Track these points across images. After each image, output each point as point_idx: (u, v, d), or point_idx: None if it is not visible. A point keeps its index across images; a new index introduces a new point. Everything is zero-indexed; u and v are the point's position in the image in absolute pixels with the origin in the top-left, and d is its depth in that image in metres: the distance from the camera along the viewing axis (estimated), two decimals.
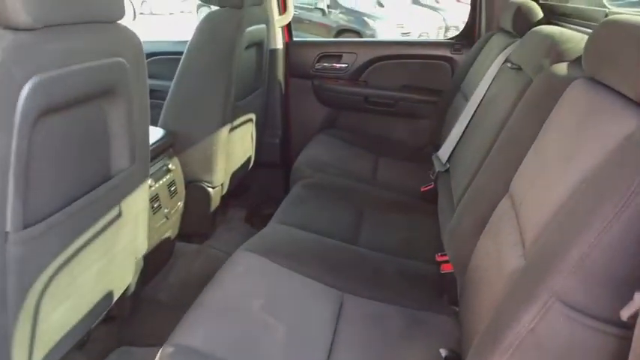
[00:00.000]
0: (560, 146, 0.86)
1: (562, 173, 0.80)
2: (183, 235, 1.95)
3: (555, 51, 1.12)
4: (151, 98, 2.74)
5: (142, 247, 1.39)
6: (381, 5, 9.90)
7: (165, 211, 1.68)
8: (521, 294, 0.68)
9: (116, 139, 1.16)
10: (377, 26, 8.83)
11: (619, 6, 2.26)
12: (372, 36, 8.76)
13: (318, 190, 1.76)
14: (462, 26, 2.56)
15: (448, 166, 1.65)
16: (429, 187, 1.82)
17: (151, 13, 14.49)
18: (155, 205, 1.61)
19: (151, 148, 1.63)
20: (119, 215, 1.20)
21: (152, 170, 1.62)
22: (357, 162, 2.11)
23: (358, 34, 8.86)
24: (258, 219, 2.44)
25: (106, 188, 1.12)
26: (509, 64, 1.35)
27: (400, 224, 1.63)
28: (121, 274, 1.29)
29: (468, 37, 2.42)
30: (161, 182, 1.66)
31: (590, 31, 1.35)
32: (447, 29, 9.95)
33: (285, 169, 2.60)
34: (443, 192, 1.60)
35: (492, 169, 1.14)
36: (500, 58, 1.56)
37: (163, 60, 2.58)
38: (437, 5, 10.65)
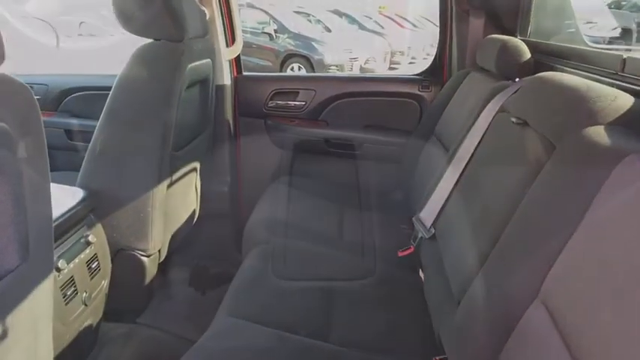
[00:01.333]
0: (636, 265, 0.61)
1: None
2: (111, 313, 1.58)
3: (586, 111, 0.88)
4: (74, 140, 2.29)
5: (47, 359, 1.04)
6: (329, 30, 9.91)
7: (84, 296, 1.33)
8: None
9: None
10: (325, 51, 8.82)
11: (594, 41, 2.12)
12: (321, 60, 8.71)
13: (276, 263, 1.45)
14: (407, 51, 2.38)
15: (434, 231, 1.39)
16: (407, 252, 1.55)
17: (90, 35, 13.83)
18: (69, 293, 1.26)
19: (63, 218, 1.28)
20: (4, 336, 0.85)
21: (65, 247, 1.27)
22: (320, 218, 1.82)
23: (306, 58, 8.78)
24: (204, 281, 2.10)
25: None
26: (513, 119, 1.11)
27: (379, 305, 1.35)
28: None
29: (437, 73, 2.21)
30: (77, 261, 1.30)
31: (608, 80, 1.14)
32: (392, 54, 10.12)
33: (235, 220, 2.28)
34: (430, 265, 1.33)
35: (511, 262, 0.88)
36: (492, 106, 1.32)
37: (91, 96, 2.21)
38: (382, 31, 10.80)
